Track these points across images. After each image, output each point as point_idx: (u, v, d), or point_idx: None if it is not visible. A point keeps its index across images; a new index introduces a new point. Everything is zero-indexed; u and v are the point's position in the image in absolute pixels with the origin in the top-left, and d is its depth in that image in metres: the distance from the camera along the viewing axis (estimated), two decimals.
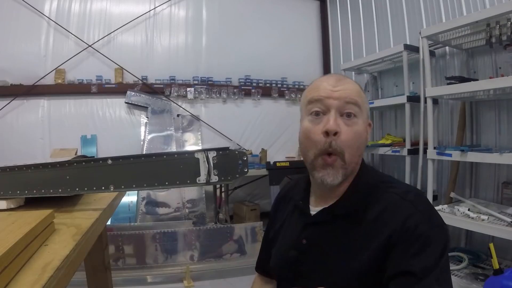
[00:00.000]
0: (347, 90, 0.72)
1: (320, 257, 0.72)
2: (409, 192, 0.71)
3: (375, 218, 0.68)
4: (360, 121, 0.72)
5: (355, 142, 0.71)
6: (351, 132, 0.70)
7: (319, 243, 0.73)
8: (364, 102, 0.75)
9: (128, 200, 3.08)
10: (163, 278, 2.44)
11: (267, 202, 3.66)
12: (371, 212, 0.69)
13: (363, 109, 0.73)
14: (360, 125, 0.72)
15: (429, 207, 0.69)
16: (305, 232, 0.76)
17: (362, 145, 0.74)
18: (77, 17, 3.30)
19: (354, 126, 0.71)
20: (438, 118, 2.73)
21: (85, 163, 0.87)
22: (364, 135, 0.74)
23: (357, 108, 0.72)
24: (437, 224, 0.67)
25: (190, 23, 3.67)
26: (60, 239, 0.67)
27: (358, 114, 0.72)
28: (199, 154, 0.83)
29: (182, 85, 3.56)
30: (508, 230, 1.79)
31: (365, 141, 0.75)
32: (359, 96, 0.73)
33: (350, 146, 0.70)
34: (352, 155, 0.71)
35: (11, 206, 0.84)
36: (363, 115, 0.74)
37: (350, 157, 0.71)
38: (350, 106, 0.71)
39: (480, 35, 2.20)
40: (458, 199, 2.36)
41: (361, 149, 0.74)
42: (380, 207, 0.69)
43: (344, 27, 3.91)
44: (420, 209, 0.67)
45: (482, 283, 1.85)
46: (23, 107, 3.14)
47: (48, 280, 0.50)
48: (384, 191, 0.72)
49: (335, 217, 0.72)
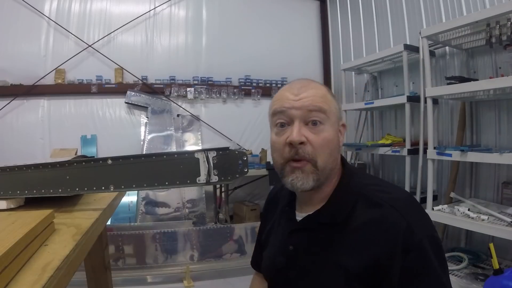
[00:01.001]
0: (309, 98, 0.71)
1: (307, 263, 0.72)
2: (396, 199, 0.68)
3: (362, 225, 0.66)
4: (327, 126, 0.71)
5: (325, 149, 0.70)
6: (319, 139, 0.69)
7: (306, 249, 0.73)
8: (331, 105, 0.72)
9: (128, 200, 3.08)
10: (163, 278, 2.44)
11: None
12: (356, 219, 0.68)
13: (330, 113, 0.71)
14: (328, 131, 0.71)
15: (417, 214, 0.67)
16: (291, 239, 0.76)
17: (335, 149, 0.72)
18: (77, 17, 3.30)
19: (321, 133, 0.70)
20: (438, 118, 2.73)
21: (85, 163, 0.87)
22: (335, 140, 0.72)
23: (322, 114, 0.70)
24: (427, 234, 0.64)
25: (190, 23, 3.67)
26: (60, 239, 0.67)
27: (324, 120, 0.70)
28: (199, 154, 0.83)
29: (182, 85, 3.56)
30: (508, 230, 1.79)
31: (337, 145, 0.73)
32: (323, 101, 0.71)
33: (321, 153, 0.69)
34: (325, 161, 0.70)
35: (11, 206, 0.84)
36: (331, 119, 0.72)
37: (323, 163, 0.70)
38: (314, 113, 0.70)
39: (480, 35, 2.20)
40: (458, 199, 2.36)
41: (334, 154, 0.72)
42: (367, 214, 0.67)
43: (344, 27, 3.91)
44: (409, 220, 0.64)
45: (482, 283, 1.85)
46: (23, 107, 3.14)
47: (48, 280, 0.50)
48: (370, 196, 0.69)
49: (320, 225, 0.72)
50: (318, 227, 0.72)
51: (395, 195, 0.69)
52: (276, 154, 0.73)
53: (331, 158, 0.71)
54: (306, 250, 0.73)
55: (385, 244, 0.63)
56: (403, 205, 0.66)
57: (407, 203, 0.68)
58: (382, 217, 0.65)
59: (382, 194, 0.69)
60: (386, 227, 0.64)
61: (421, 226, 0.65)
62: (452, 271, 2.17)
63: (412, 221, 0.64)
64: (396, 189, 0.73)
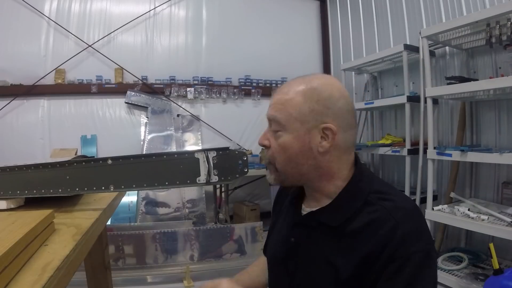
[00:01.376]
0: (272, 105, 0.74)
1: (305, 258, 0.74)
2: (399, 208, 0.67)
3: (359, 230, 0.67)
4: (284, 133, 0.71)
5: (281, 154, 0.72)
6: (276, 145, 0.73)
7: (306, 244, 0.74)
8: (294, 111, 0.70)
9: (128, 200, 3.08)
10: (163, 278, 2.44)
11: (267, 202, 3.66)
12: (356, 224, 0.68)
13: (288, 120, 0.70)
14: (287, 137, 0.71)
15: (415, 227, 0.66)
16: (293, 231, 0.78)
17: (296, 156, 0.71)
18: (77, 17, 3.30)
19: (279, 139, 0.72)
20: (438, 118, 2.73)
21: (85, 163, 0.87)
22: (295, 146, 0.70)
23: (275, 122, 0.72)
24: (420, 249, 0.63)
25: (190, 23, 3.67)
26: (60, 239, 0.67)
27: (281, 127, 0.72)
28: (199, 154, 0.83)
29: (182, 85, 3.56)
30: (508, 230, 1.79)
31: (302, 151, 0.71)
32: (281, 109, 0.71)
33: (277, 157, 0.73)
34: (283, 165, 0.73)
35: (11, 206, 0.84)
36: (291, 126, 0.70)
37: (281, 167, 0.73)
38: (271, 121, 0.74)
39: (480, 35, 2.20)
40: (458, 199, 2.36)
41: (294, 160, 0.71)
42: (366, 219, 0.67)
43: (344, 27, 3.91)
44: (404, 231, 0.64)
45: (482, 283, 1.85)
46: (23, 107, 3.14)
47: (48, 280, 0.50)
48: (373, 203, 0.69)
49: (320, 223, 0.73)
50: (318, 225, 0.73)
51: (399, 204, 0.68)
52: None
53: (290, 163, 0.72)
54: (306, 245, 0.74)
55: (375, 248, 0.64)
56: (403, 215, 0.66)
57: (408, 214, 0.67)
58: (379, 223, 0.66)
59: (386, 202, 0.68)
60: (381, 232, 0.64)
61: (416, 240, 0.64)
62: (452, 271, 2.17)
63: (408, 233, 0.64)
64: (402, 198, 0.71)
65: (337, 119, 0.70)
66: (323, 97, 0.70)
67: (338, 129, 0.70)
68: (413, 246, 0.63)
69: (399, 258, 0.62)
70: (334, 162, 0.72)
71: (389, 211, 0.66)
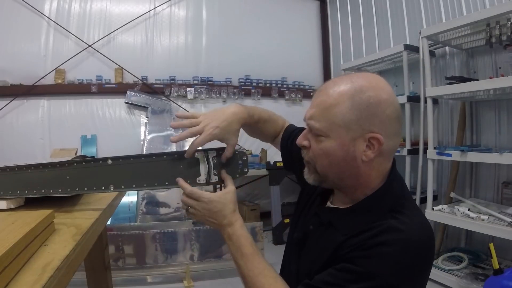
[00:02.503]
0: (314, 109, 0.69)
1: (315, 247, 0.74)
2: (401, 232, 0.62)
3: (358, 243, 0.65)
4: (328, 140, 0.67)
5: (323, 159, 0.69)
6: (317, 148, 0.70)
7: (320, 235, 0.75)
8: (338, 117, 0.66)
9: (128, 200, 3.08)
10: (163, 278, 2.44)
11: (267, 202, 3.66)
12: (361, 237, 0.65)
13: (335, 125, 0.66)
14: (332, 144, 0.67)
15: (401, 258, 0.61)
16: (313, 219, 0.78)
17: (338, 163, 0.68)
18: (77, 17, 3.30)
19: (320, 143, 0.69)
20: (438, 118, 2.74)
21: (85, 163, 0.87)
22: (339, 153, 0.67)
23: (318, 127, 0.68)
24: (385, 274, 0.59)
25: (190, 23, 3.67)
26: (60, 239, 0.67)
27: (323, 133, 0.68)
28: (199, 154, 0.83)
29: (182, 85, 3.56)
30: (508, 230, 1.79)
31: (343, 160, 0.67)
32: (326, 113, 0.67)
33: (318, 161, 0.70)
34: (325, 170, 0.70)
35: (11, 206, 0.84)
36: (337, 132, 0.66)
37: (322, 171, 0.71)
38: (311, 125, 0.69)
39: (480, 35, 2.21)
40: (458, 199, 2.36)
41: (336, 166, 0.68)
42: (369, 233, 0.65)
43: (344, 27, 3.91)
44: (388, 249, 0.61)
45: (482, 283, 1.86)
46: (23, 107, 3.14)
47: (48, 280, 0.50)
48: (387, 220, 0.65)
49: (330, 223, 0.73)
50: (329, 223, 0.74)
51: (407, 229, 0.63)
52: None
53: (332, 169, 0.69)
54: (320, 235, 0.75)
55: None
56: (400, 239, 0.62)
57: (406, 240, 0.62)
58: (373, 232, 0.64)
59: (398, 220, 0.65)
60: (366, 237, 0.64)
61: (391, 264, 0.60)
62: (452, 271, 2.17)
63: (390, 253, 0.61)
64: (416, 226, 0.65)
65: (384, 128, 0.65)
66: (371, 104, 0.64)
67: (385, 138, 0.65)
68: (378, 268, 0.60)
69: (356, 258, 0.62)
70: (374, 170, 0.69)
71: (388, 228, 0.63)
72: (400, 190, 0.71)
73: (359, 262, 0.61)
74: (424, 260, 0.64)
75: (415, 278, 0.63)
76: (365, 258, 0.61)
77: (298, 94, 3.92)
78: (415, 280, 0.63)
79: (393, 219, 0.65)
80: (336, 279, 0.62)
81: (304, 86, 3.99)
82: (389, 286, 0.59)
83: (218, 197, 0.77)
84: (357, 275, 0.60)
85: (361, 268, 0.61)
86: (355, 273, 0.61)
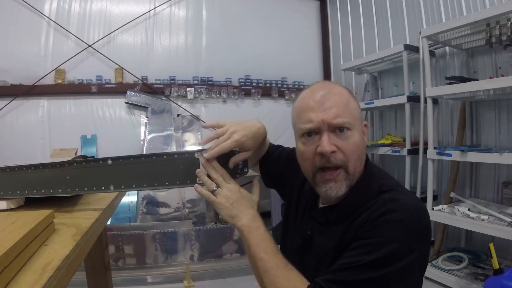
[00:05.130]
0: (334, 108, 0.70)
1: (317, 251, 0.75)
2: (396, 200, 0.67)
3: (360, 223, 0.68)
4: (354, 131, 0.71)
5: (355, 154, 0.71)
6: (349, 145, 0.70)
7: (319, 237, 0.76)
8: (355, 110, 0.73)
9: (128, 200, 3.08)
10: (163, 278, 2.44)
11: (267, 202, 3.65)
12: (360, 218, 0.68)
13: (355, 118, 0.72)
14: (356, 135, 0.71)
15: (403, 217, 0.64)
16: (309, 224, 0.80)
17: (363, 152, 0.74)
18: (77, 17, 3.29)
19: (349, 138, 0.70)
20: (438, 118, 2.73)
21: (85, 163, 0.87)
22: (362, 143, 0.73)
23: (347, 121, 0.70)
24: (394, 239, 0.62)
25: (190, 23, 3.67)
26: (60, 239, 0.67)
27: (351, 126, 0.71)
28: (199, 154, 0.83)
29: (182, 85, 3.56)
30: (508, 230, 1.79)
31: (364, 146, 0.74)
32: (347, 108, 0.71)
33: (351, 159, 0.71)
34: (355, 165, 0.72)
35: (11, 206, 0.84)
36: (357, 123, 0.72)
37: (354, 168, 0.72)
38: (340, 122, 0.70)
39: (480, 35, 2.20)
40: (458, 199, 2.36)
41: (362, 156, 0.74)
42: (368, 212, 0.68)
43: (344, 27, 3.91)
44: (391, 216, 0.64)
45: (482, 283, 1.86)
46: (23, 107, 3.14)
47: (48, 280, 0.50)
48: (380, 198, 0.69)
49: (329, 221, 0.75)
50: (327, 222, 0.75)
51: (401, 198, 0.68)
52: (306, 163, 0.74)
53: (359, 161, 0.73)
54: (319, 238, 0.76)
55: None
56: (397, 205, 0.66)
57: (404, 205, 0.67)
58: (372, 210, 0.67)
59: (386, 194, 0.70)
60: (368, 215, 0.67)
61: (395, 230, 0.63)
62: (452, 271, 2.17)
63: (391, 220, 0.64)
64: (408, 196, 0.70)
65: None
66: (356, 99, 0.76)
67: None
68: (388, 233, 0.62)
69: (367, 238, 0.63)
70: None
71: (384, 201, 0.67)
72: (380, 173, 0.78)
73: (369, 234, 0.63)
74: (425, 219, 0.68)
75: (423, 237, 0.66)
76: (374, 229, 0.63)
77: (298, 94, 3.92)
78: (424, 239, 0.66)
79: (385, 193, 0.70)
80: (352, 258, 0.63)
81: (304, 86, 3.96)
82: (406, 249, 0.61)
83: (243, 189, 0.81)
84: (372, 246, 0.62)
85: (374, 239, 0.62)
86: (368, 245, 0.62)
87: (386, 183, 0.73)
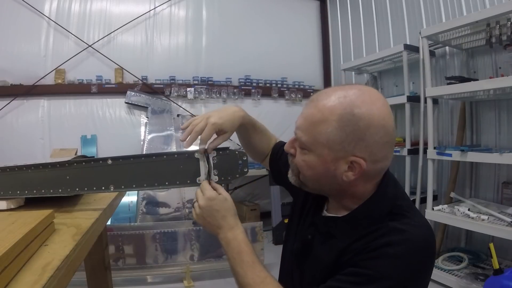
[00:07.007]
0: (302, 120, 0.68)
1: (315, 258, 0.74)
2: (402, 232, 0.62)
3: (360, 248, 0.65)
4: (311, 154, 0.67)
5: (304, 170, 0.70)
6: (300, 159, 0.70)
7: (319, 245, 0.74)
8: (322, 136, 0.64)
9: (128, 200, 3.08)
10: (163, 278, 2.44)
11: (267, 202, 3.66)
12: (361, 242, 0.65)
13: (317, 143, 0.65)
14: (312, 158, 0.67)
15: (405, 252, 0.60)
16: (310, 229, 0.78)
17: (319, 177, 0.68)
18: (77, 17, 3.29)
19: (304, 155, 0.68)
20: (438, 118, 2.74)
21: (85, 163, 0.87)
22: (320, 170, 0.67)
23: (304, 140, 0.67)
24: (386, 275, 0.59)
25: (190, 23, 3.67)
26: (60, 239, 0.67)
27: (306, 147, 0.67)
28: (199, 154, 0.83)
29: (182, 85, 3.56)
30: (508, 230, 1.79)
31: (323, 175, 0.67)
32: (312, 128, 0.65)
33: (302, 170, 0.71)
34: (307, 179, 0.71)
35: (11, 206, 0.84)
36: (318, 150, 0.65)
37: (305, 180, 0.72)
38: (297, 135, 0.69)
39: (480, 35, 2.21)
40: (458, 199, 2.37)
41: (317, 179, 0.69)
42: (370, 237, 0.65)
43: (344, 27, 3.91)
44: (394, 250, 0.60)
45: (482, 283, 1.86)
46: (23, 107, 3.14)
47: (48, 280, 0.50)
48: (386, 225, 0.65)
49: (330, 233, 0.72)
50: (328, 233, 0.73)
51: (408, 231, 0.63)
52: None
53: (313, 180, 0.70)
54: (319, 244, 0.74)
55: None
56: (402, 239, 0.62)
57: (408, 240, 0.62)
58: (374, 236, 0.64)
59: (394, 222, 0.65)
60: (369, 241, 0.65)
61: (392, 264, 0.60)
62: (452, 271, 2.17)
63: (393, 253, 0.60)
64: (417, 228, 0.64)
65: (369, 152, 0.63)
66: (360, 128, 0.61)
67: (368, 163, 0.63)
68: (384, 269, 0.59)
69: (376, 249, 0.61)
70: (359, 187, 0.68)
71: (389, 230, 0.63)
72: (394, 193, 0.70)
73: (365, 264, 0.61)
74: (428, 258, 0.64)
75: (422, 276, 0.63)
76: (371, 260, 0.61)
77: (298, 94, 3.92)
78: (422, 278, 0.63)
79: (393, 221, 0.65)
80: (344, 284, 0.61)
81: (304, 86, 3.99)
82: (400, 287, 0.59)
83: (219, 197, 0.77)
84: (365, 277, 0.60)
85: (369, 270, 0.60)
86: (363, 275, 0.60)
87: (400, 205, 0.68)
